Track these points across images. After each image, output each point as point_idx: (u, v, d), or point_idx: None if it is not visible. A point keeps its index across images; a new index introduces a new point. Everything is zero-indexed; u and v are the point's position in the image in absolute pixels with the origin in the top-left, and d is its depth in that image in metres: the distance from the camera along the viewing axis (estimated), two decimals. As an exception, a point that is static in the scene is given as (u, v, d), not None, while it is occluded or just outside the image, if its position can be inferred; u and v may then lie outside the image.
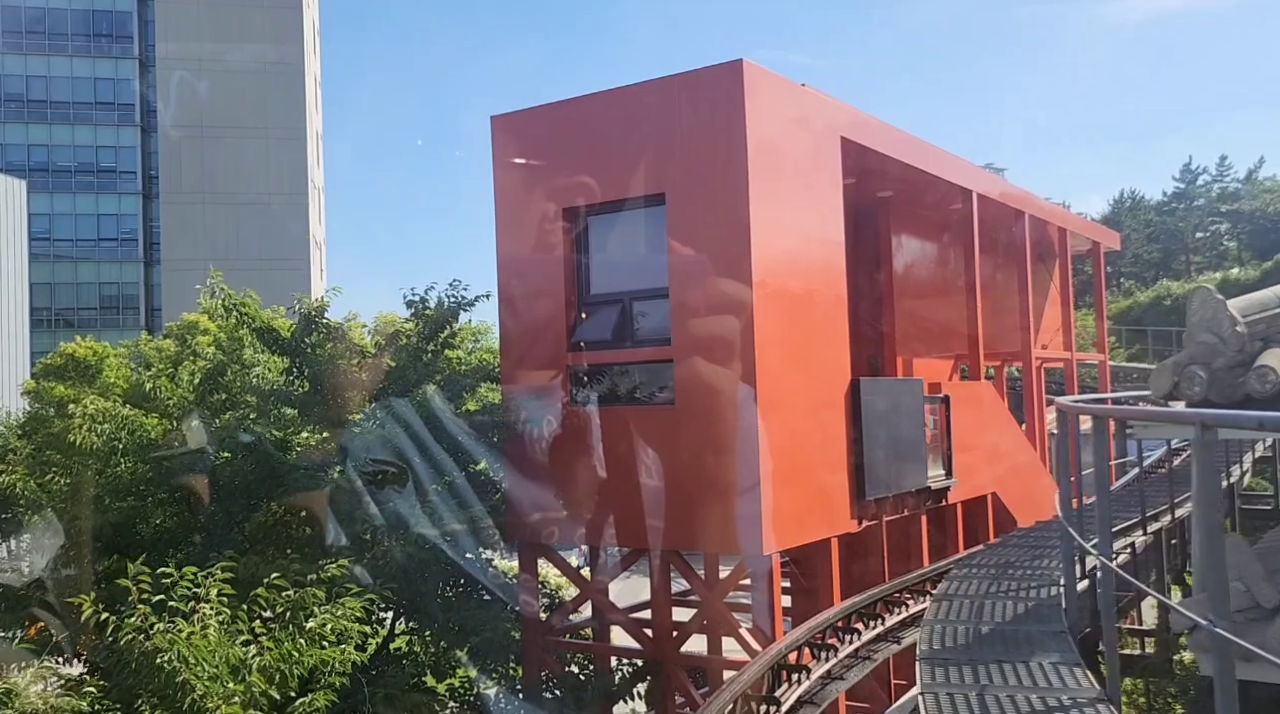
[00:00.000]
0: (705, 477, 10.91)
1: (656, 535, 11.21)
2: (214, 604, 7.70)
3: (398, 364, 12.93)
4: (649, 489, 11.24)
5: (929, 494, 14.15)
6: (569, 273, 12.04)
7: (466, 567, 12.13)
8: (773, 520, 10.71)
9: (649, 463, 11.28)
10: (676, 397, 11.14)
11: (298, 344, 11.53)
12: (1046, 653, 5.12)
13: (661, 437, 11.18)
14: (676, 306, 11.16)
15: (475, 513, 12.42)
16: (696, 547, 11.51)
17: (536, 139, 12.33)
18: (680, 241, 11.15)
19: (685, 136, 11.21)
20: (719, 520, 10.87)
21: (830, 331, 12.24)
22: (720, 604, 11.61)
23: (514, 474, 12.20)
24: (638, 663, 12.45)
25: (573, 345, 11.93)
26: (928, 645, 5.48)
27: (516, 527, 12.34)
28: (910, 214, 17.76)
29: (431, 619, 11.39)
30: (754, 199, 10.79)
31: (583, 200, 11.91)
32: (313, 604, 8.22)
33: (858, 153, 13.07)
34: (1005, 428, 17.45)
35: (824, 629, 9.22)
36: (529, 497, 12.14)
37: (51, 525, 10.59)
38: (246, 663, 7.15)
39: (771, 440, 10.75)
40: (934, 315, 18.86)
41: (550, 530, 12.13)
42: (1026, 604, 6.46)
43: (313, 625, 7.54)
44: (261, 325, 11.44)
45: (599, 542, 12.14)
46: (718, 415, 10.87)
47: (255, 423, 11.99)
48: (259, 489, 10.92)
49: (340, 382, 11.74)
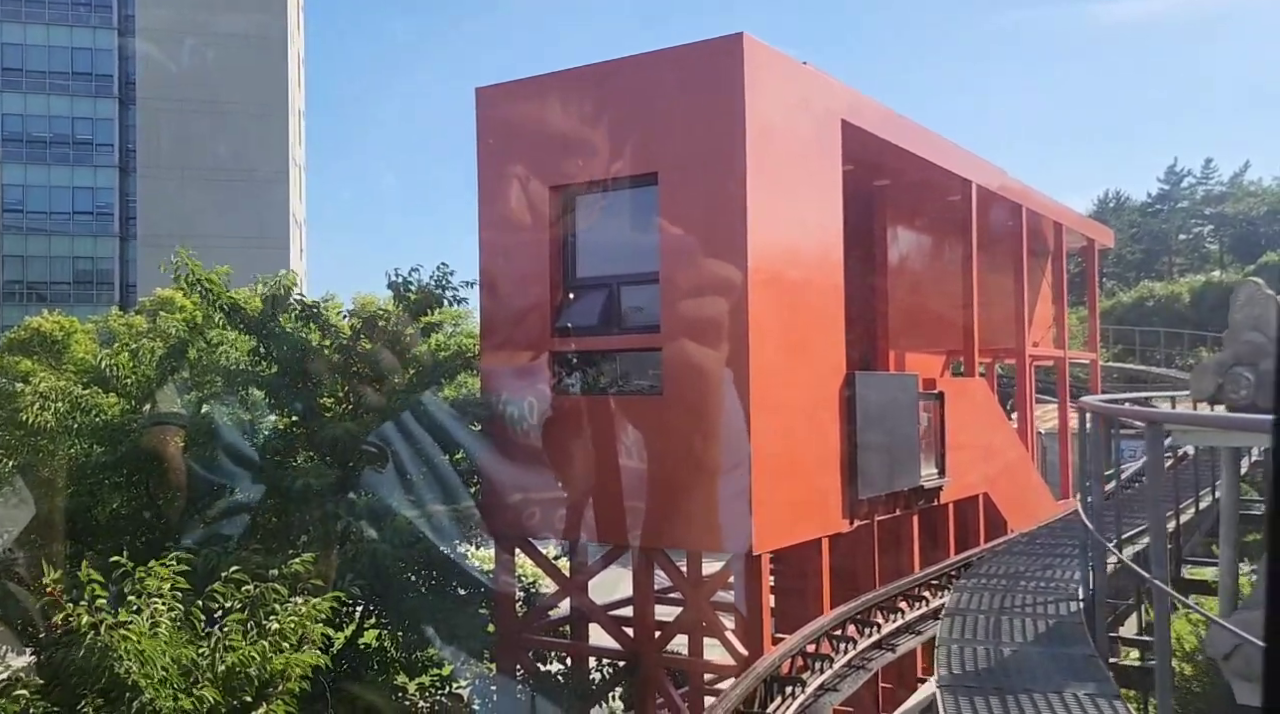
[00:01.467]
0: (692, 471, 10.41)
1: (640, 531, 10.70)
2: (166, 599, 7.12)
3: (374, 348, 12.34)
4: (633, 483, 10.73)
5: (921, 493, 13.71)
6: (554, 255, 11.48)
7: (441, 559, 11.59)
8: (762, 519, 10.22)
9: (634, 455, 10.76)
10: (664, 386, 10.62)
11: (265, 323, 10.92)
12: (1080, 681, 4.65)
13: (647, 428, 10.66)
14: (666, 292, 10.62)
15: (452, 504, 11.90)
16: (681, 544, 11.02)
17: (523, 113, 11.74)
18: (672, 224, 10.61)
19: (680, 114, 10.66)
20: (705, 517, 10.38)
21: (826, 323, 11.74)
22: (705, 605, 11.11)
23: (493, 464, 11.66)
24: (617, 663, 11.95)
25: (557, 330, 11.39)
26: (946, 670, 5.00)
27: (494, 518, 11.81)
28: (907, 204, 17.28)
29: (404, 614, 10.84)
30: (751, 182, 10.25)
31: (570, 179, 11.36)
32: (274, 601, 7.66)
33: (857, 138, 12.55)
34: (998, 426, 17.04)
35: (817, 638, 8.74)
36: (508, 488, 11.60)
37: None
38: (199, 665, 6.58)
39: (762, 435, 10.25)
40: (927, 309, 18.41)
41: (529, 523, 11.61)
42: (1047, 621, 6.00)
43: (273, 627, 6.98)
44: (228, 302, 10.82)
45: (580, 536, 11.62)
46: (707, 407, 10.36)
47: (221, 405, 11.39)
48: (220, 475, 10.33)
49: (311, 364, 11.14)
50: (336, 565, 9.17)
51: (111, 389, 11.00)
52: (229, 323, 11.00)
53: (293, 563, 8.02)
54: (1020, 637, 5.66)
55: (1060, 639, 5.51)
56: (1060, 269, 20.92)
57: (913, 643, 10.21)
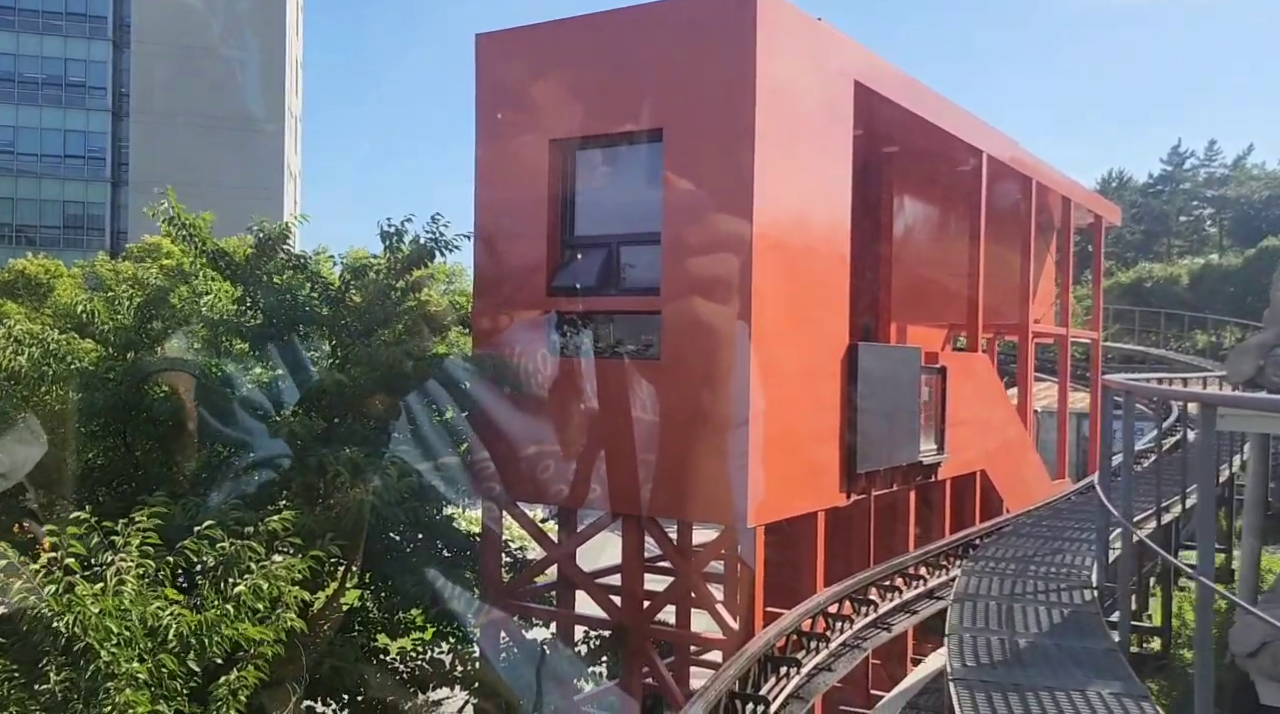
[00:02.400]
0: (688, 439, 10.08)
1: (632, 499, 10.39)
2: (133, 556, 6.79)
3: (364, 300, 11.96)
4: (626, 449, 10.41)
5: (919, 469, 13.42)
6: (552, 211, 11.08)
7: (427, 520, 11.29)
8: (759, 490, 9.91)
9: (628, 421, 10.43)
10: (663, 351, 10.27)
11: (253, 271, 10.51)
12: (1103, 679, 4.35)
13: (643, 393, 10.32)
14: (668, 254, 10.24)
15: (439, 464, 11.58)
16: (674, 514, 10.73)
17: (525, 62, 11.28)
18: (676, 183, 10.20)
19: (689, 68, 10.21)
20: (700, 487, 10.07)
21: (830, 293, 11.37)
22: (696, 576, 10.84)
23: (482, 425, 11.32)
24: (604, 633, 11.69)
25: (553, 290, 11.01)
26: (960, 662, 4.70)
27: (482, 480, 11.49)
28: (915, 172, 16.86)
29: (386, 575, 10.56)
30: (760, 142, 9.84)
31: (571, 132, 10.93)
32: (249, 560, 7.34)
33: (869, 101, 12.12)
34: (999, 403, 16.74)
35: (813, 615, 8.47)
36: (497, 449, 11.27)
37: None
38: (164, 626, 6.26)
39: (762, 404, 9.92)
40: (931, 282, 18.05)
41: (518, 487, 11.29)
42: (1061, 610, 5.71)
43: (243, 590, 6.65)
44: (213, 248, 10.40)
45: (570, 503, 11.32)
46: (706, 374, 10.02)
47: (204, 355, 11.01)
48: (202, 427, 9.98)
49: (298, 315, 10.75)
50: (318, 522, 8.84)
51: (89, 336, 10.61)
52: (214, 270, 10.58)
53: (270, 520, 7.69)
54: (1034, 626, 5.38)
55: (1077, 630, 5.22)
56: (1067, 245, 20.56)
57: (909, 622, 9.96)
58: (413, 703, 11.16)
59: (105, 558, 6.71)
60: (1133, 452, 5.75)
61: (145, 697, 5.80)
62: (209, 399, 9.83)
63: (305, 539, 8.34)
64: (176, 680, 6.29)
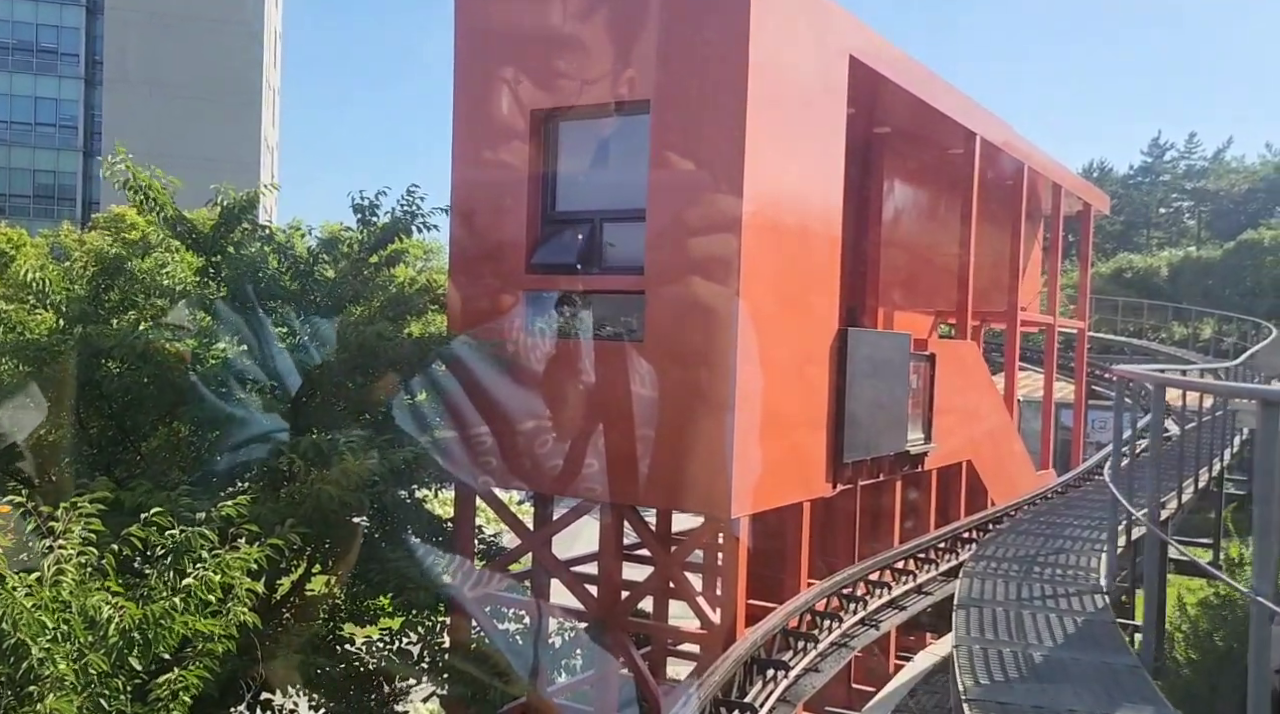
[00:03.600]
0: (670, 425, 9.65)
1: (611, 487, 9.96)
2: (74, 544, 6.30)
3: (335, 276, 11.44)
4: (606, 434, 9.97)
5: (906, 459, 13.06)
6: (532, 185, 10.58)
7: (395, 505, 10.82)
8: (743, 479, 9.51)
9: (609, 405, 9.99)
10: (646, 333, 9.82)
11: (216, 241, 9.97)
12: (1132, 704, 3.97)
13: (625, 376, 9.88)
14: (654, 231, 9.78)
15: (411, 447, 11.11)
16: (654, 503, 10.31)
17: (505, 27, 10.76)
18: (664, 157, 9.73)
19: (679, 36, 9.73)
20: (682, 475, 9.65)
21: (820, 275, 10.96)
22: (675, 568, 10.43)
23: (456, 408, 10.85)
24: (580, 624, 11.29)
25: (532, 267, 10.53)
26: (971, 679, 4.30)
27: (455, 465, 11.03)
28: (906, 154, 16.46)
29: (352, 562, 10.08)
30: (752, 116, 9.38)
31: (555, 102, 10.43)
32: (200, 549, 6.86)
33: (863, 78, 11.67)
34: (986, 392, 16.42)
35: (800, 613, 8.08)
36: (471, 432, 10.81)
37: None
38: (105, 620, 5.78)
39: (748, 389, 9.50)
40: (919, 267, 17.70)
41: (492, 471, 10.83)
42: (1074, 619, 5.33)
43: (192, 582, 6.17)
44: (174, 215, 9.85)
45: (546, 488, 10.88)
46: (691, 357, 9.58)
47: (164, 328, 10.46)
48: (159, 404, 9.47)
49: (265, 289, 10.23)
50: (276, 509, 8.36)
51: (43, 306, 10.06)
52: (174, 237, 10.03)
53: (224, 506, 7.21)
54: (1048, 637, 5.00)
55: (1094, 643, 4.85)
56: (1056, 233, 20.24)
57: (898, 618, 9.61)
58: (378, 694, 10.73)
59: (43, 545, 6.22)
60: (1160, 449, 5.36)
61: (70, 704, 5.32)
62: (167, 377, 9.31)
63: (263, 527, 7.87)
64: (118, 678, 5.82)
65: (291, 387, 10.35)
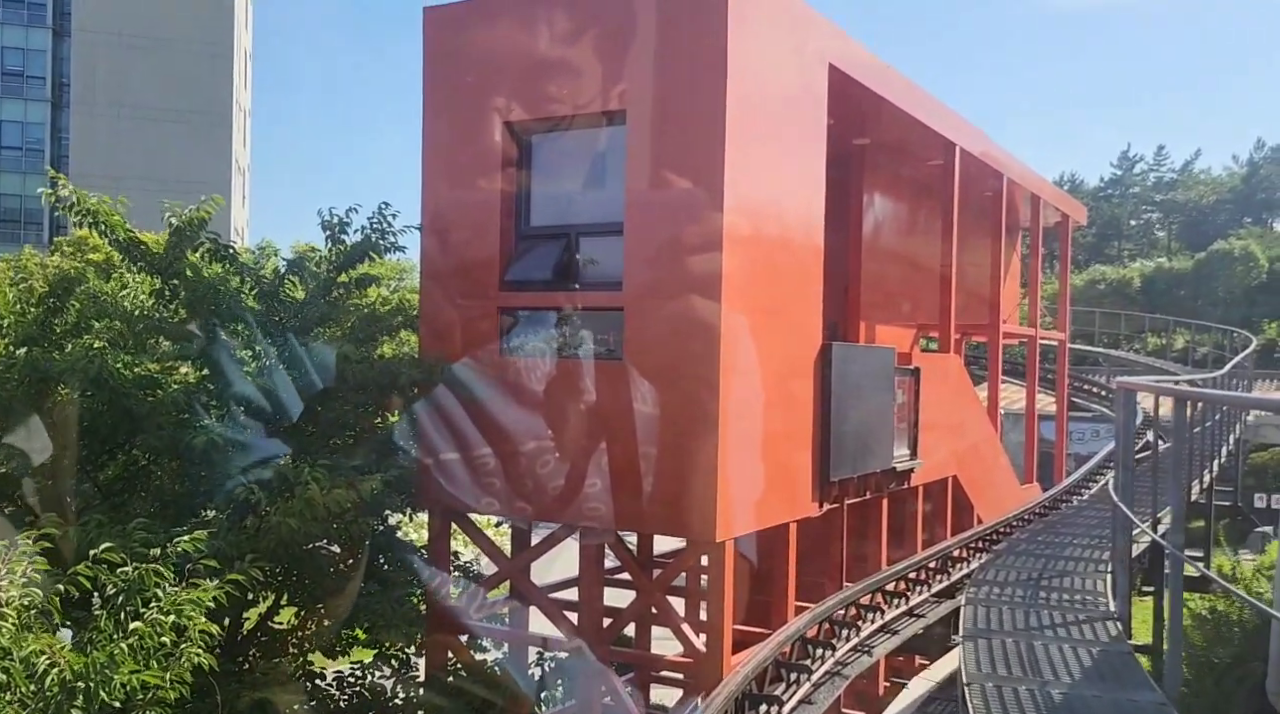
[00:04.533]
0: (652, 445, 9.29)
1: (591, 511, 9.59)
2: (16, 585, 5.86)
3: (303, 296, 11.05)
4: (585, 457, 9.60)
5: (893, 475, 12.75)
6: (506, 199, 10.23)
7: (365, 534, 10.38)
8: (728, 501, 9.16)
9: (587, 426, 9.63)
10: (625, 350, 9.47)
11: (171, 262, 9.55)
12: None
13: (605, 396, 9.52)
14: (632, 245, 9.45)
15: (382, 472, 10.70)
16: (636, 527, 9.93)
17: (475, 38, 10.43)
18: (640, 169, 9.42)
19: (655, 44, 9.43)
20: (666, 498, 9.28)
21: (804, 288, 10.66)
22: (659, 594, 10.05)
23: (429, 430, 10.44)
24: (560, 654, 10.88)
25: (506, 284, 10.17)
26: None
27: (429, 491, 10.63)
28: (885, 165, 16.24)
29: (318, 597, 9.66)
30: (731, 125, 9.08)
31: (528, 114, 10.10)
32: (154, 587, 6.42)
33: (841, 86, 11.41)
34: (970, 405, 16.17)
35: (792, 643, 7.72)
36: (444, 457, 10.41)
37: None
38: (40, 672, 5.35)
39: (732, 407, 9.17)
40: (901, 280, 17.46)
41: (467, 497, 10.42)
42: (1090, 651, 5.00)
43: (140, 627, 5.74)
44: (125, 237, 9.42)
45: (524, 514, 10.49)
46: (673, 375, 9.24)
47: (125, 353, 10.01)
48: (115, 433, 9.02)
49: (226, 311, 9.81)
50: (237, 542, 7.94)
51: (0, 332, 9.59)
52: (127, 259, 9.60)
53: (180, 541, 6.78)
54: (1064, 672, 4.67)
55: (1114, 677, 4.53)
56: (1035, 244, 20.09)
57: (891, 643, 9.28)
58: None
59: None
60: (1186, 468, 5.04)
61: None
62: (123, 403, 8.85)
63: (223, 562, 7.45)
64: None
65: (256, 413, 9.92)
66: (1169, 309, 58.33)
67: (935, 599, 10.22)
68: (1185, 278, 69.93)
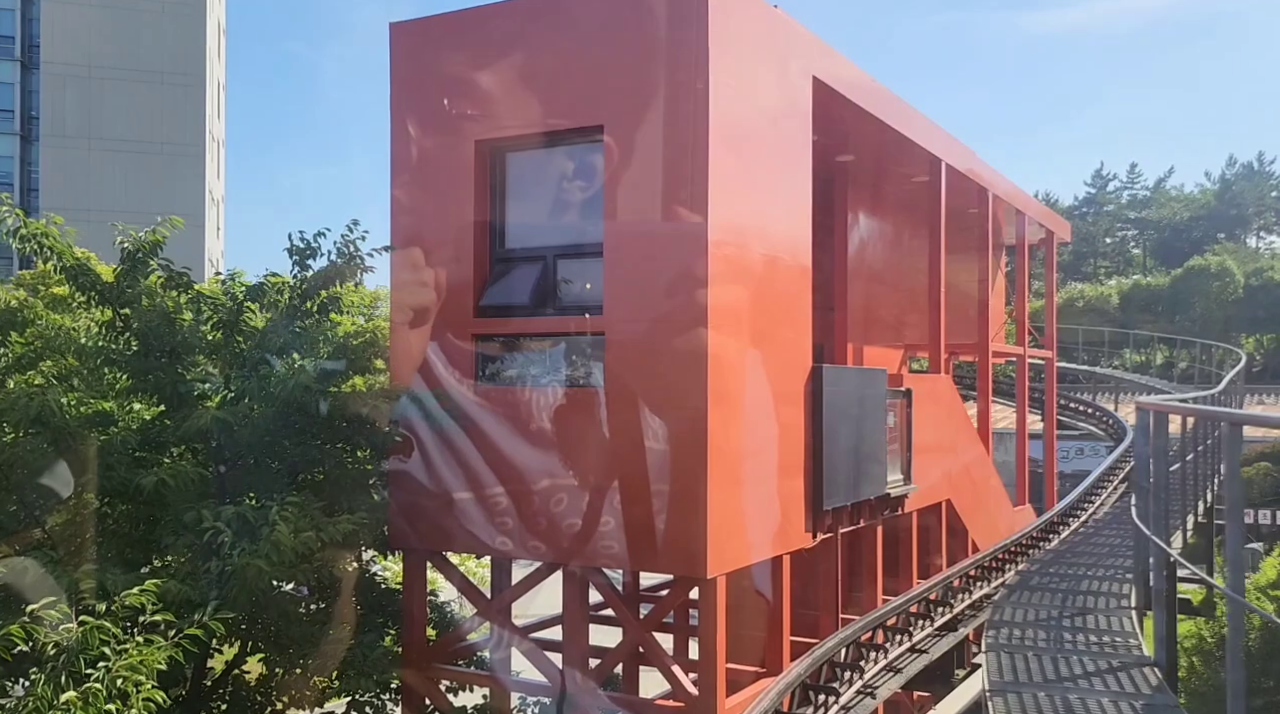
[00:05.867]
0: (638, 478, 8.79)
1: (574, 548, 9.06)
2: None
3: (266, 324, 10.49)
4: (567, 491, 9.09)
5: (887, 502, 12.29)
6: (480, 221, 9.76)
7: (337, 576, 9.82)
8: (719, 535, 8.67)
9: (569, 458, 9.11)
10: (607, 378, 8.98)
11: (123, 290, 9.00)
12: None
13: (586, 426, 9.02)
14: (612, 268, 8.98)
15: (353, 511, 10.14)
16: (623, 564, 9.39)
17: (447, 53, 9.99)
18: (620, 187, 8.97)
19: (635, 57, 9.02)
20: (653, 534, 8.77)
21: (793, 309, 10.22)
22: (648, 635, 9.51)
23: (402, 465, 9.91)
24: (544, 698, 10.31)
25: (481, 310, 9.68)
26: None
27: (403, 529, 10.08)
28: (870, 183, 15.89)
29: (286, 644, 9.07)
30: (715, 140, 8.66)
31: (500, 132, 9.65)
32: (100, 646, 5.86)
33: (824, 101, 11.04)
34: (962, 427, 15.76)
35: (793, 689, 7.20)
36: (419, 493, 9.87)
37: None
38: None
39: (721, 435, 8.69)
40: (886, 300, 17.08)
41: (443, 535, 9.88)
42: (1133, 705, 4.53)
43: (72, 698, 5.17)
44: (73, 263, 8.87)
45: (503, 552, 9.95)
46: (658, 403, 8.75)
47: (73, 390, 9.44)
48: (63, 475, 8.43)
49: (182, 342, 9.25)
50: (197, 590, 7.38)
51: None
52: (75, 288, 9.04)
53: (129, 594, 6.21)
54: (1107, 728, 4.21)
55: (1164, 734, 4.07)
56: (1021, 261, 19.77)
57: (895, 682, 8.77)
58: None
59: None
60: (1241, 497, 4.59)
61: None
62: (69, 442, 8.28)
63: (182, 611, 6.88)
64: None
65: (216, 449, 9.36)
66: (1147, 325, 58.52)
67: (938, 633, 9.73)
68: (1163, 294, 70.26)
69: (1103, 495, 17.72)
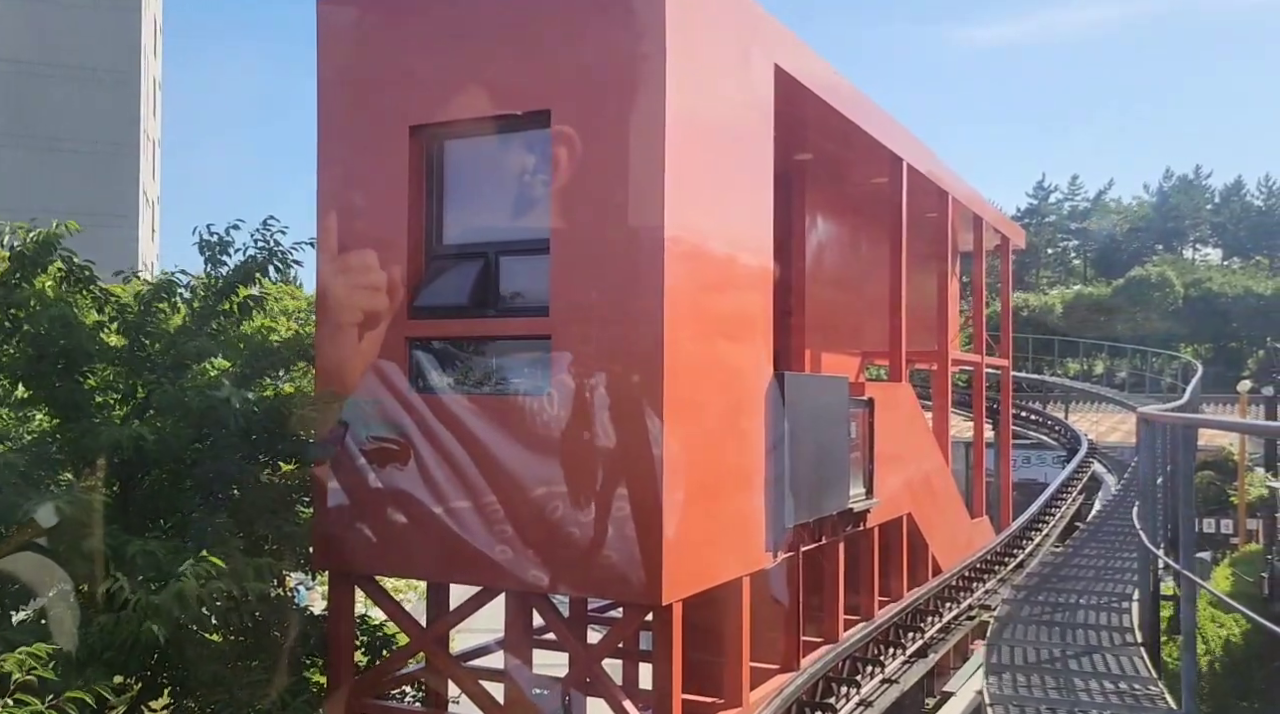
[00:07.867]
0: (586, 496, 8.02)
1: (516, 572, 8.26)
2: None
3: (177, 327, 9.58)
4: (509, 510, 8.29)
5: (849, 517, 11.65)
6: (414, 214, 8.93)
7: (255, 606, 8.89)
8: (675, 558, 7.92)
9: (511, 473, 8.31)
10: (553, 386, 8.20)
11: (11, 291, 8.03)
12: None
13: (530, 438, 8.22)
14: (559, 265, 8.21)
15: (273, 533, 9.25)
16: (570, 589, 8.61)
17: (378, 31, 9.16)
18: (569, 179, 8.19)
19: (585, 36, 8.27)
20: (603, 557, 7.99)
21: (753, 312, 9.53)
22: (596, 666, 8.72)
23: (329, 481, 9.03)
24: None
25: (415, 311, 8.84)
26: None
27: (329, 551, 9.19)
28: (829, 183, 15.31)
29: (199, 686, 8.13)
30: (671, 128, 7.94)
31: (437, 116, 8.83)
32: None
33: (786, 93, 10.38)
34: (923, 437, 15.21)
35: None
36: (347, 512, 9.00)
37: None
38: None
39: (677, 449, 7.95)
40: (844, 305, 16.51)
41: (373, 557, 9.02)
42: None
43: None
44: (-50, 263, 7.90)
45: (438, 575, 9.12)
46: (607, 412, 7.97)
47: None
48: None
49: (79, 348, 8.30)
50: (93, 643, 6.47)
51: None
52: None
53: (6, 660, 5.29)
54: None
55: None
56: (978, 267, 19.35)
57: None
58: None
59: None
60: None
61: None
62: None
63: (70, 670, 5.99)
64: None
65: (120, 468, 8.41)
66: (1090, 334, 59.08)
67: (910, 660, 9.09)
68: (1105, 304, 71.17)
69: (1061, 508, 17.30)
